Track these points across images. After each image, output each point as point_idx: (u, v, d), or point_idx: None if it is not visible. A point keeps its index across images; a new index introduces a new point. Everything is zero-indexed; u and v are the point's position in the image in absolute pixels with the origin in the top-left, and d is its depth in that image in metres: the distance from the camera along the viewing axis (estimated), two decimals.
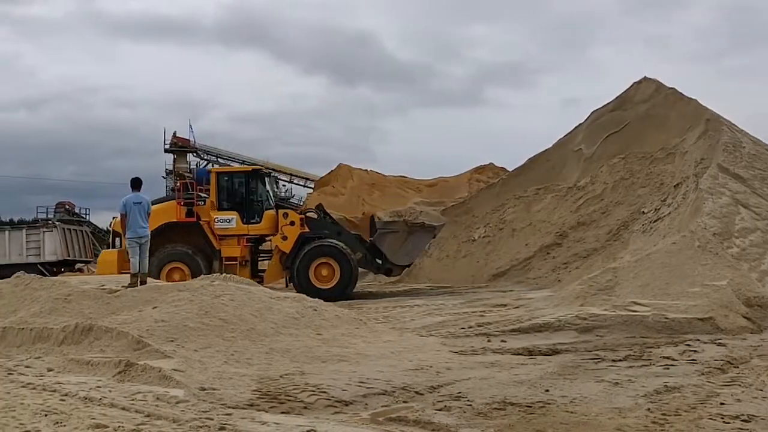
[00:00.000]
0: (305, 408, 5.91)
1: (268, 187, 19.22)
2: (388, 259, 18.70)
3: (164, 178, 48.07)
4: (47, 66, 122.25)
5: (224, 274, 13.33)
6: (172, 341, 8.03)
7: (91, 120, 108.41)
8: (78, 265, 29.67)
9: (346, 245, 17.92)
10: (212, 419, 5.25)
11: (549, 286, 16.47)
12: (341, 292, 16.90)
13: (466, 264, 21.04)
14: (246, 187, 18.79)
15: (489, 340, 9.43)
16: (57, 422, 5.25)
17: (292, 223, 18.07)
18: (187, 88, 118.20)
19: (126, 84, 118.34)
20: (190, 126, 49.93)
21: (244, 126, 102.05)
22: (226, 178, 18.87)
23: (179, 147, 48.27)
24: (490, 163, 35.19)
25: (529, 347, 8.76)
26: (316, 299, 10.80)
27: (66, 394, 6.17)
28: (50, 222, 32.57)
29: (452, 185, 33.92)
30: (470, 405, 5.90)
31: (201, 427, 5.06)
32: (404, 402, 6.14)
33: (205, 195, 18.54)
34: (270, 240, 19.20)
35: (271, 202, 19.13)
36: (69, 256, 28.73)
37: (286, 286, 18.04)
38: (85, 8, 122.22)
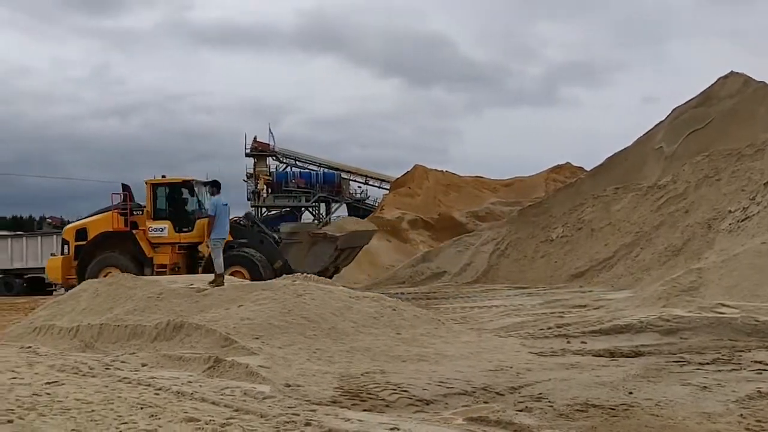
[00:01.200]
0: (387, 406, 5.98)
1: (200, 197, 19.98)
2: (291, 269, 18.95)
3: (245, 181, 49.39)
4: (136, 75, 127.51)
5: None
6: (257, 338, 8.27)
7: (176, 126, 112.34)
8: None
9: (264, 254, 18.70)
10: (298, 415, 5.40)
11: (629, 287, 16.12)
12: None
13: (543, 264, 20.81)
14: (178, 197, 19.96)
15: (569, 341, 9.32)
16: (152, 415, 5.50)
17: None
18: (266, 94, 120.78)
19: (208, 91, 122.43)
20: (270, 130, 50.97)
21: (320, 129, 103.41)
22: (159, 189, 19.93)
23: (259, 151, 49.43)
24: (567, 163, 34.75)
25: (611, 349, 8.60)
26: (394, 299, 10.93)
27: (160, 389, 6.46)
28: None
29: (529, 185, 33.67)
30: (551, 406, 5.86)
31: (288, 422, 5.20)
32: (485, 402, 6.14)
33: (144, 205, 19.81)
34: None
35: (204, 210, 19.51)
36: None
37: None
38: (171, 19, 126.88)
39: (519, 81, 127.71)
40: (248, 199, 48.95)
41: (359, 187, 51.36)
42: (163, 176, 20.41)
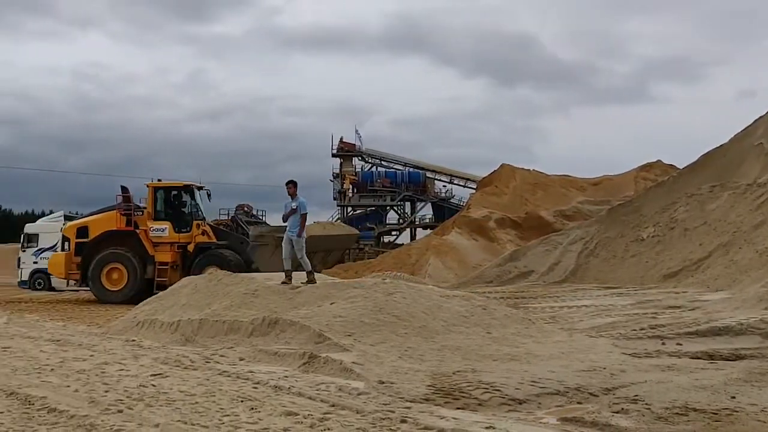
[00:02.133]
0: (479, 405, 5.99)
1: (198, 200, 21.30)
2: (258, 270, 19.32)
3: (331, 181, 50.25)
4: (228, 79, 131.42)
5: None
6: (349, 335, 8.42)
7: (266, 128, 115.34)
8: None
9: (242, 256, 19.95)
10: (393, 412, 5.47)
11: (726, 288, 15.50)
12: None
13: (634, 264, 20.28)
14: (178, 200, 21.25)
15: (663, 343, 9.08)
16: (252, 408, 5.70)
17: (204, 233, 20.61)
18: (352, 95, 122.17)
19: (296, 93, 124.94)
20: (357, 131, 51.63)
21: (405, 129, 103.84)
22: (160, 192, 21.19)
23: (346, 151, 50.18)
24: (658, 161, 33.70)
25: (709, 351, 8.34)
26: (484, 297, 10.91)
27: (258, 383, 6.68)
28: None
29: (618, 184, 32.87)
30: (648, 409, 5.73)
31: (384, 419, 5.29)
32: (578, 403, 6.08)
33: (144, 206, 21.22)
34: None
35: (201, 213, 21.34)
36: None
37: None
38: (261, 25, 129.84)
39: (607, 79, 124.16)
40: (334, 199, 49.84)
41: (444, 186, 51.48)
42: (159, 180, 21.76)
